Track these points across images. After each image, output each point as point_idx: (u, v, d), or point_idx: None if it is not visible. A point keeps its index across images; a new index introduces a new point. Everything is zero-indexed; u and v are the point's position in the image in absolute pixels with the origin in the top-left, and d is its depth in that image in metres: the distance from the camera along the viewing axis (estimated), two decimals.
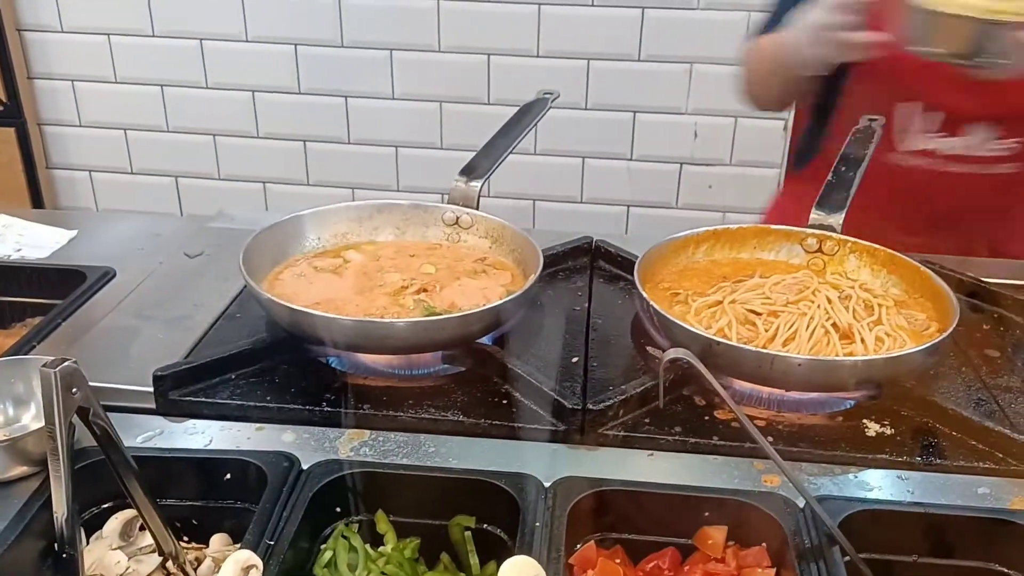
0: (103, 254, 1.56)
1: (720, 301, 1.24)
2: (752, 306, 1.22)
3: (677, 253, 1.38)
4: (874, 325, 1.19)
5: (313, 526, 1.00)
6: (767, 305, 1.22)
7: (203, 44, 3.10)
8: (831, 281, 1.28)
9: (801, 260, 1.39)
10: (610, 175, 3.13)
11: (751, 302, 1.23)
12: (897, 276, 1.32)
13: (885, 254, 1.34)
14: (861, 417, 1.15)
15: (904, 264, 1.32)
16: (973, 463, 1.07)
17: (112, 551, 1.02)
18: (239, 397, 1.16)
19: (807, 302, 1.22)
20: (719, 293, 1.27)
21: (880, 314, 1.20)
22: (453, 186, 1.46)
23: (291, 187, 3.29)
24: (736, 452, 1.09)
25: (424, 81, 3.07)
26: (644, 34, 2.92)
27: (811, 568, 0.91)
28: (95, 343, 1.29)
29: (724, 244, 1.41)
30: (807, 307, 1.20)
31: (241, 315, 1.35)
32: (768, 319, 1.20)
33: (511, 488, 1.00)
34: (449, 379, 1.22)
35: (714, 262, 1.40)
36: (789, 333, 1.17)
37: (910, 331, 1.21)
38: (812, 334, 1.16)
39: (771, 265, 1.39)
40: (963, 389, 1.21)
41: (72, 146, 3.35)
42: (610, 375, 1.22)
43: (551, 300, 1.42)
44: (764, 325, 1.19)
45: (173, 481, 1.05)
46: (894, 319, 1.21)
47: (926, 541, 0.99)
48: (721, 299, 1.25)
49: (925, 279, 1.28)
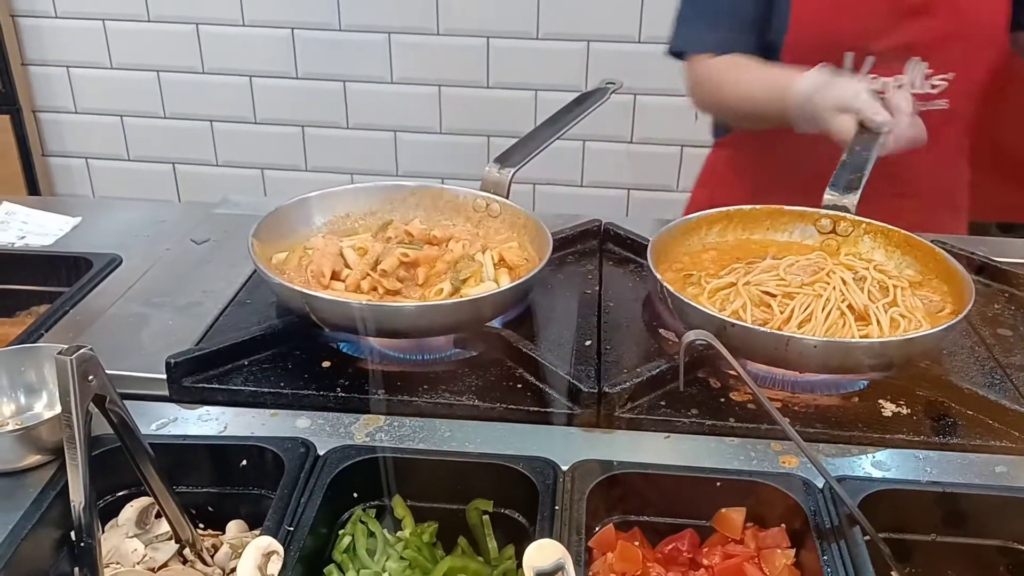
0: (108, 241, 1.54)
1: (734, 283, 1.24)
2: (767, 288, 1.22)
3: (689, 235, 1.38)
4: (889, 306, 1.18)
5: (331, 512, 0.99)
6: (781, 287, 1.21)
7: (199, 29, 3.08)
8: (845, 262, 1.28)
9: (815, 241, 1.38)
10: (610, 158, 3.12)
11: (765, 284, 1.22)
12: (911, 257, 1.32)
13: (899, 235, 1.33)
14: (876, 397, 1.15)
15: (918, 245, 1.32)
16: (990, 442, 1.08)
17: (128, 539, 1.02)
18: (252, 383, 1.15)
19: (822, 283, 1.21)
20: (733, 275, 1.26)
21: (895, 295, 1.20)
22: (486, 173, 1.45)
23: (289, 173, 3.28)
24: (753, 434, 1.09)
25: (423, 65, 3.05)
26: (644, 16, 2.90)
27: (832, 548, 0.91)
28: (104, 331, 1.28)
29: (737, 225, 1.41)
30: (822, 288, 1.20)
31: (251, 301, 1.34)
32: (783, 301, 1.20)
33: (529, 472, 1.00)
34: (462, 363, 1.21)
35: (727, 243, 1.39)
36: (804, 315, 1.17)
37: (925, 312, 1.21)
38: (828, 316, 1.16)
39: (784, 246, 1.38)
40: (977, 368, 1.21)
41: (68, 133, 3.33)
42: (624, 358, 1.22)
43: (561, 283, 1.42)
44: (779, 307, 1.19)
45: (189, 468, 1.05)
46: (909, 300, 1.20)
47: (944, 520, 0.99)
48: (735, 281, 1.24)
49: (939, 260, 1.28)
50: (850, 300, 1.18)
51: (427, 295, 1.24)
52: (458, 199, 1.46)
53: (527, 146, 1.50)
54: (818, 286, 1.20)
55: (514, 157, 1.47)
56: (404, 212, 1.46)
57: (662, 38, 2.91)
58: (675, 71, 2.89)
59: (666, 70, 3.01)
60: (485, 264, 1.29)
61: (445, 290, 1.23)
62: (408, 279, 1.26)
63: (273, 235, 1.33)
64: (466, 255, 1.29)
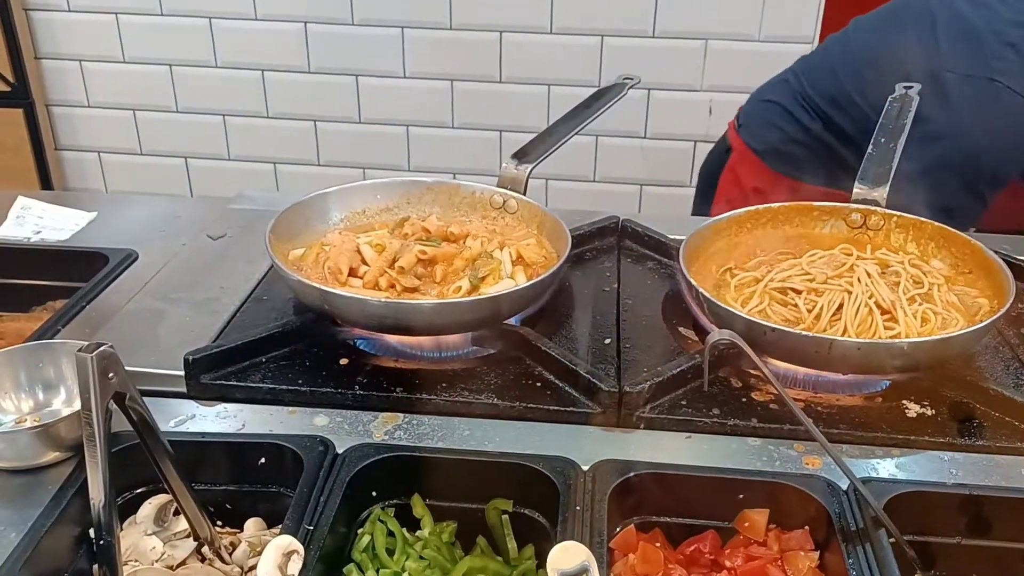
0: (124, 236, 1.54)
1: (759, 278, 1.22)
2: (792, 284, 1.20)
3: (719, 235, 1.36)
4: (923, 300, 1.16)
5: (350, 511, 0.99)
6: (807, 282, 1.20)
7: (212, 23, 3.07)
8: (879, 257, 1.26)
9: (846, 236, 1.36)
10: (624, 153, 3.10)
11: (791, 279, 1.21)
12: (946, 251, 1.29)
13: (933, 227, 1.30)
14: (900, 398, 1.13)
15: (953, 238, 1.29)
16: (1016, 443, 1.06)
17: (147, 536, 1.02)
18: (271, 380, 1.14)
19: (847, 278, 1.20)
20: (759, 270, 1.25)
21: (932, 289, 1.18)
22: (503, 168, 1.44)
23: (301, 167, 3.27)
24: (775, 434, 1.08)
25: (435, 59, 3.04)
26: (658, 10, 2.88)
27: (857, 551, 0.90)
28: (121, 327, 1.28)
29: (767, 223, 1.38)
30: (848, 284, 1.18)
31: (268, 297, 1.33)
32: (809, 297, 1.18)
33: (549, 472, 0.99)
34: (481, 361, 1.20)
35: (756, 240, 1.37)
36: (832, 313, 1.15)
37: (961, 308, 1.19)
38: (857, 312, 1.14)
39: (816, 239, 1.36)
40: (1002, 368, 1.20)
41: (81, 127, 3.33)
42: (644, 357, 1.21)
43: (579, 280, 1.40)
44: (806, 304, 1.17)
45: (207, 465, 1.04)
46: (946, 296, 1.18)
47: (970, 523, 0.98)
48: (760, 276, 1.23)
49: (976, 252, 1.25)
50: (876, 296, 1.16)
51: (445, 292, 1.23)
52: (475, 195, 1.45)
53: (544, 142, 1.49)
54: (843, 280, 1.19)
55: (532, 153, 1.46)
56: (420, 208, 1.45)
57: (676, 32, 2.91)
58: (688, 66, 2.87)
59: (680, 65, 3.01)
60: (503, 261, 1.28)
61: (463, 287, 1.22)
62: (426, 276, 1.25)
63: (290, 231, 1.33)
64: (484, 252, 1.28)
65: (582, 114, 1.56)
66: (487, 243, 1.31)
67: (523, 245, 1.33)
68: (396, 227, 1.37)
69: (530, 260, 1.30)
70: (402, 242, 1.29)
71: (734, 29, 2.81)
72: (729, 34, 2.85)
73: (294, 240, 1.33)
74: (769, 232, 1.38)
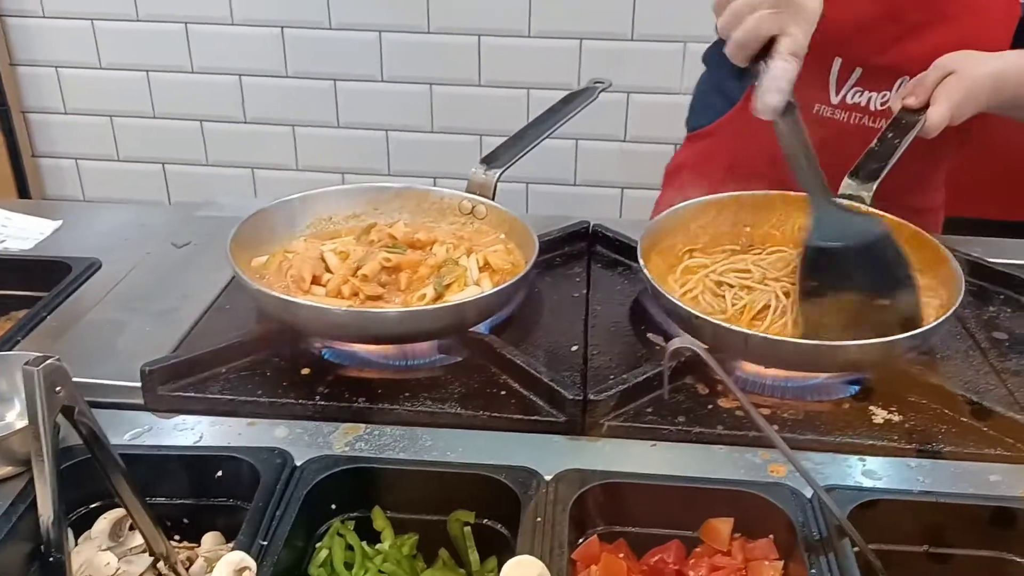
0: (89, 245, 1.52)
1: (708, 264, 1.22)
2: (727, 278, 1.20)
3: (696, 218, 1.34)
4: None
5: (308, 524, 0.97)
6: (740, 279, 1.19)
7: (188, 28, 3.05)
8: None
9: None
10: (604, 157, 3.09)
11: (727, 274, 1.21)
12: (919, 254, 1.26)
13: (910, 231, 1.27)
14: (868, 403, 1.12)
15: (924, 242, 1.27)
16: (983, 450, 1.05)
17: (101, 552, 0.99)
18: (230, 392, 1.13)
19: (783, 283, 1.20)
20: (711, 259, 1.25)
21: None
22: (472, 174, 1.43)
23: (280, 172, 3.25)
24: (741, 441, 1.07)
25: (414, 63, 3.03)
26: (636, 13, 2.88)
27: (820, 561, 0.89)
28: (81, 337, 1.25)
29: (748, 211, 1.36)
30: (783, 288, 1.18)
31: (231, 306, 1.31)
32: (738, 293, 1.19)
33: (511, 482, 0.98)
34: (446, 370, 1.19)
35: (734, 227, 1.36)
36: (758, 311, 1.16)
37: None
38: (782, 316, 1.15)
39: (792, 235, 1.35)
40: (971, 373, 1.19)
41: (57, 134, 3.30)
42: (611, 363, 1.19)
43: (549, 287, 1.39)
44: (732, 299, 1.17)
45: (163, 479, 1.02)
46: None
47: (937, 531, 0.96)
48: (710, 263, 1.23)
49: (942, 261, 1.23)
50: None
51: (409, 300, 1.21)
52: (443, 201, 1.44)
53: (513, 147, 1.47)
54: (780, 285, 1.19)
55: (501, 158, 1.45)
56: (389, 214, 1.43)
57: (655, 35, 2.90)
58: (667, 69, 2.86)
59: (659, 68, 3.00)
60: (469, 268, 1.27)
61: (428, 295, 1.21)
62: (390, 284, 1.23)
63: (254, 239, 1.31)
64: (449, 259, 1.26)
65: (552, 118, 1.55)
66: (453, 250, 1.30)
67: (490, 251, 1.31)
68: (362, 234, 1.35)
69: (497, 267, 1.29)
70: (367, 249, 1.27)
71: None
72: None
73: (258, 248, 1.31)
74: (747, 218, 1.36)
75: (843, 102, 1.50)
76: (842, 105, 1.49)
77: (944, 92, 1.26)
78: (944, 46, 1.37)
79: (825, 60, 1.46)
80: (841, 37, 1.40)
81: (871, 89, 1.47)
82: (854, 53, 1.46)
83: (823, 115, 1.50)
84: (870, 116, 1.51)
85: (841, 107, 1.50)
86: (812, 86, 1.46)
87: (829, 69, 1.48)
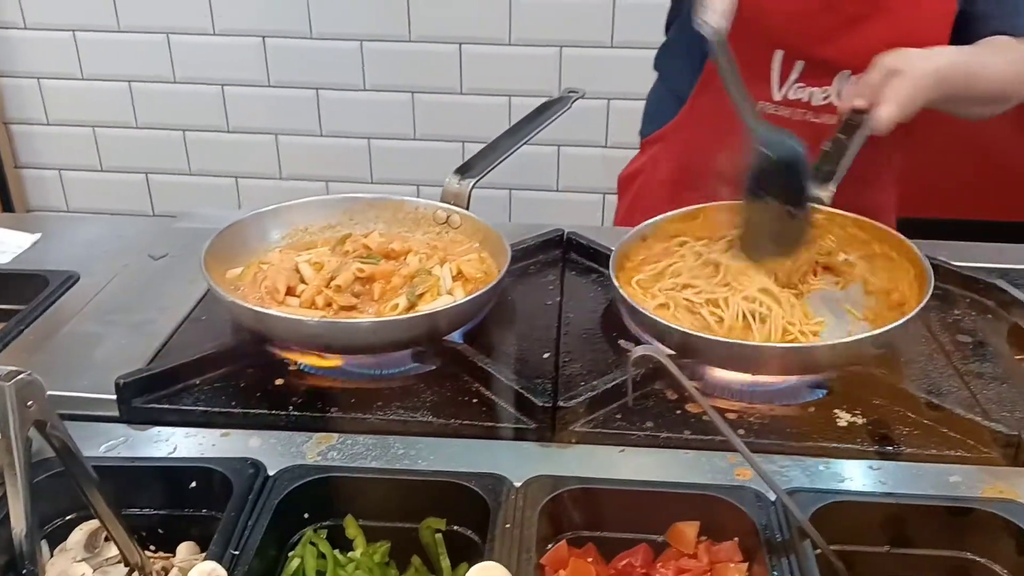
0: (67, 258, 1.53)
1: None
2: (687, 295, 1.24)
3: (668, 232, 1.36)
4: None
5: (280, 533, 0.98)
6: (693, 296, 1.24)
7: (170, 38, 3.06)
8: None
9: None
10: (586, 163, 3.11)
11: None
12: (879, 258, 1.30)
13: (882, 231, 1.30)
14: (832, 407, 1.14)
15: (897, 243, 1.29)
16: (944, 451, 1.07)
17: (77, 563, 1.00)
18: (204, 403, 1.14)
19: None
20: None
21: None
22: (446, 184, 1.44)
23: (264, 181, 3.26)
24: (708, 446, 1.08)
25: (395, 72, 3.04)
26: (616, 21, 2.90)
27: (782, 563, 0.90)
28: (57, 350, 1.26)
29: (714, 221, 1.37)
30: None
31: (206, 318, 1.32)
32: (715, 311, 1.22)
33: (481, 489, 0.99)
34: (419, 379, 1.20)
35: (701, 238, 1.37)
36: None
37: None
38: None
39: None
40: (935, 375, 1.21)
41: (40, 145, 3.31)
42: (582, 371, 1.21)
43: (522, 295, 1.41)
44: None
45: (138, 490, 1.03)
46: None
47: (898, 531, 0.98)
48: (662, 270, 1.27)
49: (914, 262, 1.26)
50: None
51: (383, 310, 1.23)
52: (418, 211, 1.45)
53: (488, 156, 1.49)
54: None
55: (475, 168, 1.46)
56: (364, 224, 1.45)
57: (634, 42, 2.92)
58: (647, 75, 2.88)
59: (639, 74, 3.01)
60: (443, 277, 1.28)
61: (400, 305, 1.22)
62: (364, 294, 1.25)
63: (229, 250, 1.32)
64: (423, 269, 1.28)
65: (526, 127, 1.57)
66: (427, 260, 1.31)
67: (464, 260, 1.33)
68: (337, 244, 1.37)
69: (470, 275, 1.30)
70: (341, 260, 1.29)
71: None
72: None
73: (234, 260, 1.33)
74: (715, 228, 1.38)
75: (786, 98, 1.52)
76: (785, 101, 1.52)
77: (891, 91, 1.28)
78: (882, 39, 1.40)
79: (766, 52, 1.49)
80: (780, 26, 1.43)
81: (812, 84, 1.50)
82: (793, 44, 1.48)
83: (767, 111, 1.53)
84: (812, 111, 1.54)
85: (784, 103, 1.52)
86: (756, 82, 1.49)
87: (770, 62, 1.50)
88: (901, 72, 1.29)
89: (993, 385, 1.19)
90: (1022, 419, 1.10)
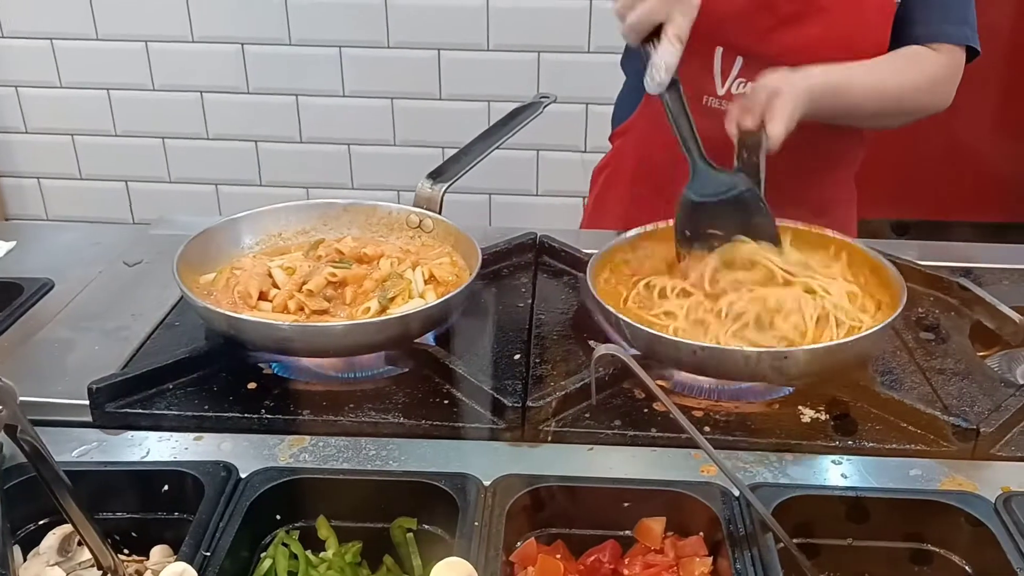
0: (42, 265, 1.53)
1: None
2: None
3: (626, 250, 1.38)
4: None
5: (252, 535, 0.99)
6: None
7: (148, 46, 3.06)
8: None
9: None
10: (565, 167, 3.13)
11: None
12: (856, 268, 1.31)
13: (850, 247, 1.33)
14: (797, 404, 1.16)
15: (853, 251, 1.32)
16: (905, 445, 1.09)
17: (50, 568, 1.01)
18: (177, 407, 1.15)
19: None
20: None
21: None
22: (419, 189, 1.46)
23: (244, 188, 3.27)
24: (674, 443, 1.10)
25: (375, 78, 3.06)
26: (592, 26, 2.92)
27: (744, 555, 0.92)
28: (31, 356, 1.27)
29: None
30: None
31: (180, 323, 1.33)
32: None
33: (450, 488, 1.00)
34: (390, 381, 1.21)
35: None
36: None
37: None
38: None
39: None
40: (898, 372, 1.23)
41: (19, 153, 3.30)
42: (552, 371, 1.23)
43: (495, 297, 1.42)
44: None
45: (111, 494, 1.04)
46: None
47: (860, 524, 1.00)
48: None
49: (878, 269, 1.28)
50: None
51: (355, 314, 1.24)
52: (391, 216, 1.47)
53: (460, 161, 1.51)
54: None
55: (447, 172, 1.48)
56: (338, 230, 1.46)
57: (611, 48, 2.94)
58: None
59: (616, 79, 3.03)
60: (415, 281, 1.30)
61: (372, 308, 1.23)
62: (336, 298, 1.26)
63: (203, 256, 1.33)
64: (394, 273, 1.29)
65: (499, 132, 1.59)
66: (399, 264, 1.33)
67: (436, 264, 1.34)
68: (311, 249, 1.38)
69: (442, 279, 1.32)
70: (313, 265, 1.30)
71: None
72: None
73: (207, 265, 1.34)
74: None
75: (729, 93, 1.55)
76: (728, 96, 1.54)
77: (776, 109, 1.32)
78: (819, 37, 1.45)
79: (707, 49, 1.51)
80: (719, 24, 1.45)
81: (753, 80, 1.52)
82: (732, 41, 1.51)
83: (711, 106, 1.55)
84: None
85: (727, 98, 1.54)
86: (700, 77, 1.52)
87: (712, 59, 1.53)
88: (781, 92, 1.33)
89: (955, 380, 1.22)
90: (981, 413, 1.13)
